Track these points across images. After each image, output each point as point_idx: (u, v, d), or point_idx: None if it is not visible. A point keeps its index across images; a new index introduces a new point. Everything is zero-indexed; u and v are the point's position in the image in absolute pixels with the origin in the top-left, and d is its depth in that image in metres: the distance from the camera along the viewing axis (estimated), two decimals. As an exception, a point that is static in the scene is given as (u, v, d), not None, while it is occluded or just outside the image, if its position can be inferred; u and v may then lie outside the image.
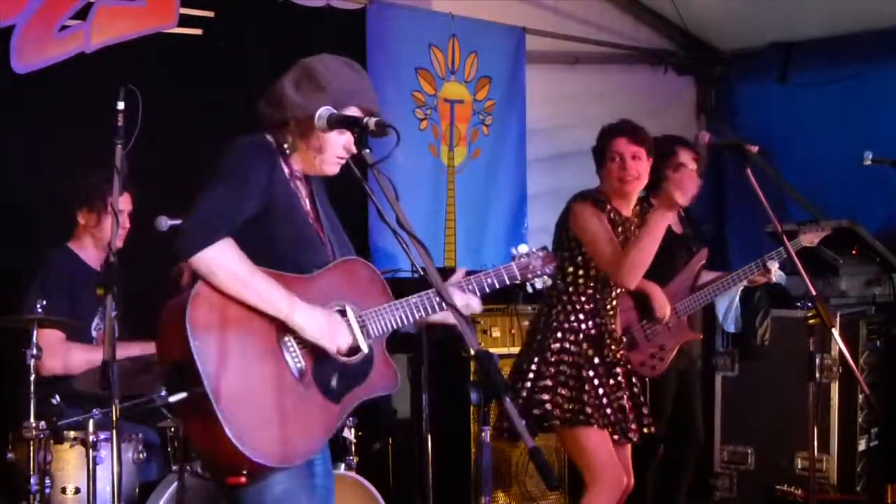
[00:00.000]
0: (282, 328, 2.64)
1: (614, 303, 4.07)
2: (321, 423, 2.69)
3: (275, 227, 2.69)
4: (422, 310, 2.85)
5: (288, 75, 2.77)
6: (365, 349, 2.75)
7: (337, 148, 2.76)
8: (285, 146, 2.75)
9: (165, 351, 2.66)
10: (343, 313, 2.74)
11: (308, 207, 2.83)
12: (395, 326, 2.82)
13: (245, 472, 2.59)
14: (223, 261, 2.57)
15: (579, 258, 3.97)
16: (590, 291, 3.99)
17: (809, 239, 5.05)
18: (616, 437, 3.97)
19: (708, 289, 4.81)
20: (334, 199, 3.00)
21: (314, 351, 2.68)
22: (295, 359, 2.66)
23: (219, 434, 2.51)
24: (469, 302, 2.97)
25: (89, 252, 4.29)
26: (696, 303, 4.79)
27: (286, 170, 2.77)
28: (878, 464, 5.59)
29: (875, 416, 5.55)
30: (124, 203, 4.22)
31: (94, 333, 4.17)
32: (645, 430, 4.08)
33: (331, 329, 2.67)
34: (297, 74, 2.76)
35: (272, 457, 2.58)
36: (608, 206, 3.99)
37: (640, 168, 3.96)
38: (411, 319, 2.84)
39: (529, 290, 3.10)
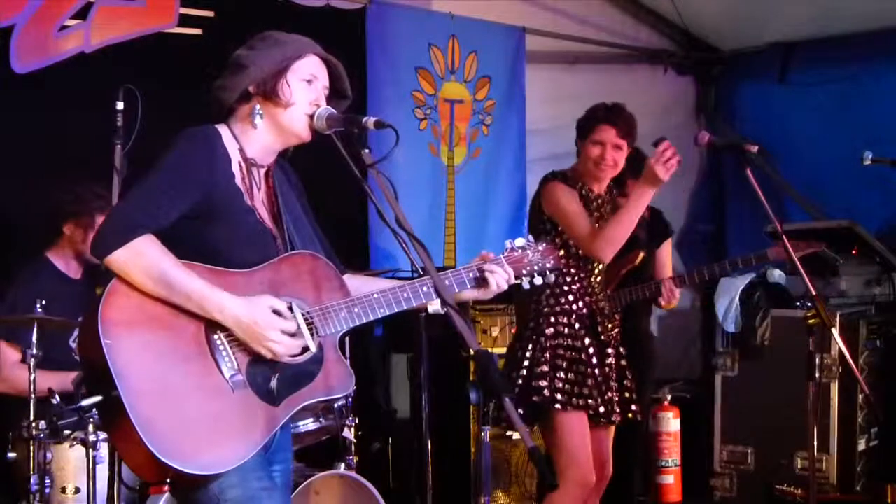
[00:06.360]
0: (211, 326, 2.48)
1: (599, 279, 4.07)
2: (256, 427, 2.49)
3: (213, 221, 2.55)
4: (385, 306, 2.66)
5: (238, 50, 2.68)
6: (313, 348, 2.57)
7: (304, 100, 2.64)
8: (252, 123, 2.63)
9: (83, 350, 2.53)
10: (288, 310, 2.58)
11: (261, 199, 2.67)
12: (350, 325, 2.63)
13: (168, 480, 2.44)
14: (139, 261, 2.43)
15: (557, 239, 3.96)
16: (574, 270, 3.99)
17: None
18: (602, 420, 3.97)
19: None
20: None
21: (249, 349, 2.51)
22: (226, 358, 2.49)
23: (136, 440, 2.35)
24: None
25: (69, 263, 4.29)
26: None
27: (238, 157, 2.64)
28: (878, 464, 5.58)
29: (875, 416, 5.54)
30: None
31: (72, 345, 4.14)
32: (629, 415, 4.08)
33: (264, 329, 2.49)
34: (249, 42, 2.69)
35: (193, 464, 2.39)
36: (579, 184, 4.00)
37: (618, 157, 3.99)
38: (371, 317, 2.65)
39: (526, 286, 2.86)
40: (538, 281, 2.89)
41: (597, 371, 3.95)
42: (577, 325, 3.97)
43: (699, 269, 4.88)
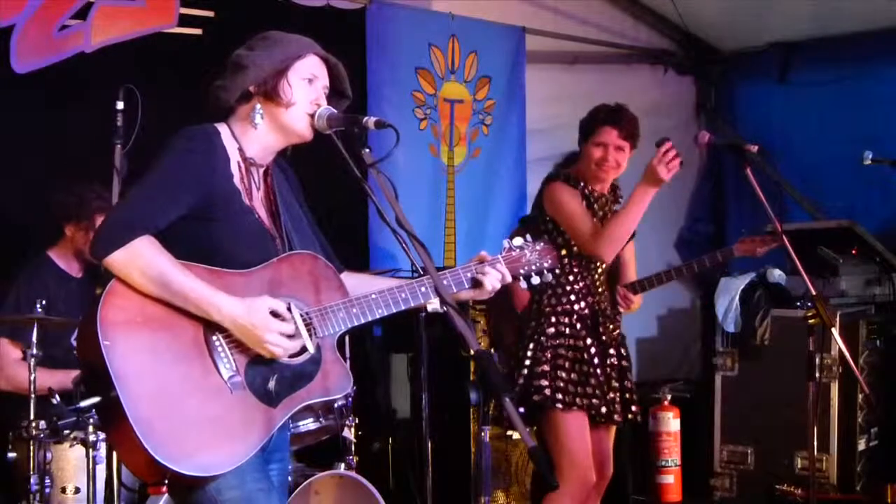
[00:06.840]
0: (210, 327, 2.48)
1: (602, 278, 4.07)
2: (254, 429, 2.49)
3: (212, 221, 2.55)
4: (383, 306, 2.66)
5: (238, 50, 2.69)
6: (311, 349, 2.58)
7: (305, 100, 2.65)
8: (252, 123, 2.63)
9: (82, 351, 2.53)
10: (287, 310, 2.57)
11: (259, 199, 2.67)
12: (348, 325, 2.64)
13: (166, 480, 2.45)
14: (138, 262, 2.43)
15: (559, 239, 3.98)
16: (576, 270, 4.00)
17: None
18: (604, 419, 3.97)
19: None
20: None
21: (248, 350, 2.52)
22: (224, 360, 2.49)
23: (134, 441, 2.35)
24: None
25: (70, 262, 4.30)
26: None
27: (238, 157, 2.64)
28: (878, 464, 5.58)
29: (875, 416, 5.54)
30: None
31: (73, 343, 4.13)
32: (629, 416, 4.07)
33: (261, 331, 2.49)
34: (249, 42, 2.69)
35: (191, 465, 2.39)
36: (581, 184, 4.01)
37: (620, 159, 4.00)
38: (369, 317, 2.65)
39: (524, 286, 2.88)
40: (535, 280, 2.90)
41: (598, 371, 3.96)
42: (578, 326, 3.98)
43: (660, 273, 4.80)
